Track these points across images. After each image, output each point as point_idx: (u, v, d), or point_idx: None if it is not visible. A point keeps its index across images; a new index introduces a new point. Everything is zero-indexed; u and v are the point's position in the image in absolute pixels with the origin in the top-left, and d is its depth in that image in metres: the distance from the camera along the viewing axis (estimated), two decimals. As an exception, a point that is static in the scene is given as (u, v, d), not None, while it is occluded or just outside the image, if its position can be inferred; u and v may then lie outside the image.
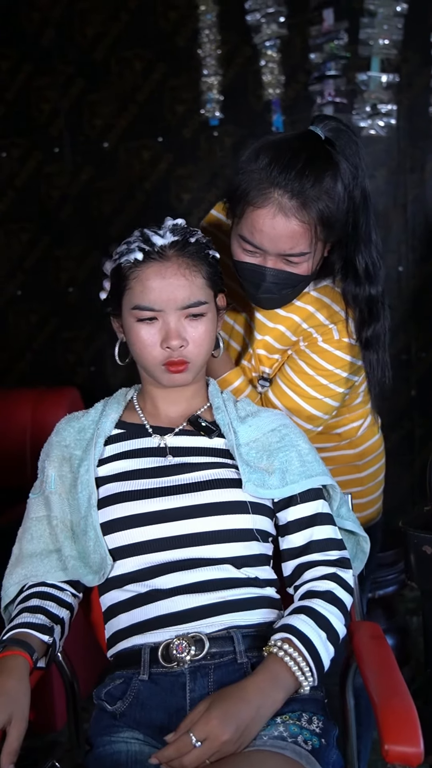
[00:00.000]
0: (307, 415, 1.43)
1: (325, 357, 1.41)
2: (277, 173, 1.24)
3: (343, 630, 1.15)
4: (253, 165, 1.27)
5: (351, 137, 1.30)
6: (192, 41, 2.68)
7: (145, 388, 1.31)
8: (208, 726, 0.98)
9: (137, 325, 1.21)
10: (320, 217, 1.26)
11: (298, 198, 1.24)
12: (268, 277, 1.31)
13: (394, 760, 0.97)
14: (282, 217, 1.25)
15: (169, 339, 1.19)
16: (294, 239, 1.27)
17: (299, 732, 1.04)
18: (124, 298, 1.23)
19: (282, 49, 2.62)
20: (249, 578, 1.18)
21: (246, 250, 1.31)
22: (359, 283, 1.36)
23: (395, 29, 2.51)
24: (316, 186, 1.24)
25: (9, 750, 1.01)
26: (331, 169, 1.26)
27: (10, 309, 2.98)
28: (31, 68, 2.82)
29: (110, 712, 1.14)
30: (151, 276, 1.19)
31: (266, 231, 1.26)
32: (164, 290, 1.19)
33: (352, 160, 1.28)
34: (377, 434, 1.64)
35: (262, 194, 1.25)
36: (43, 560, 1.23)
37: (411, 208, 2.65)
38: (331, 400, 1.43)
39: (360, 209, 1.32)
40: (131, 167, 2.80)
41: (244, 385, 1.46)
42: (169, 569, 1.16)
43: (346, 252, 1.35)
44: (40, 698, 2.03)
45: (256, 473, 1.21)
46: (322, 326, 1.42)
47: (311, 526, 1.22)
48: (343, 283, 1.38)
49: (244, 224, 1.29)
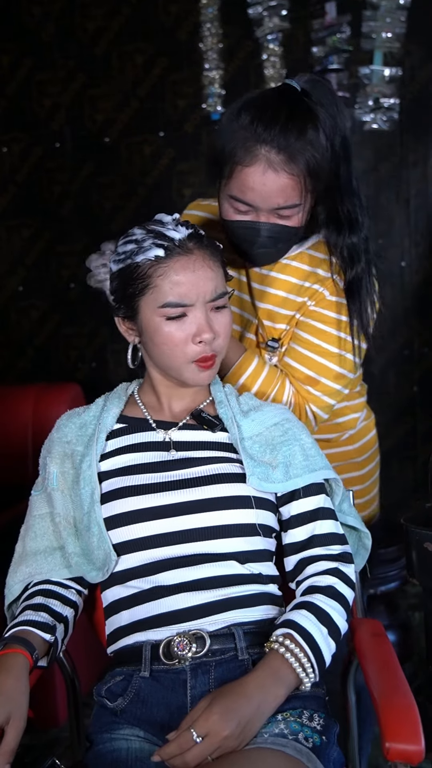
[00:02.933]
0: (334, 375, 1.43)
1: (336, 309, 1.42)
2: (261, 129, 1.26)
3: (345, 625, 1.14)
4: (235, 124, 1.29)
5: (326, 87, 1.32)
6: (193, 35, 2.67)
7: (152, 383, 1.29)
8: (209, 722, 0.97)
9: (167, 324, 1.18)
10: (308, 168, 1.28)
11: (285, 152, 1.26)
12: (263, 232, 1.32)
13: (395, 757, 0.96)
14: (272, 173, 1.27)
15: (201, 333, 1.18)
16: (285, 192, 1.29)
17: (300, 729, 1.04)
18: (144, 299, 1.19)
19: (284, 43, 2.61)
20: (253, 574, 1.17)
21: (237, 209, 1.32)
22: (341, 231, 1.38)
23: (398, 22, 2.50)
24: (300, 138, 1.26)
25: (6, 749, 1.00)
26: (311, 120, 1.28)
27: (11, 305, 2.98)
28: (32, 63, 2.81)
29: (111, 709, 1.14)
30: (180, 271, 1.17)
31: (257, 188, 1.28)
32: (194, 284, 1.17)
33: (329, 110, 1.29)
34: (373, 430, 1.65)
35: (249, 152, 1.27)
36: (47, 558, 1.22)
37: (414, 202, 2.63)
38: (351, 354, 1.44)
39: (341, 158, 1.33)
40: (132, 162, 2.79)
41: (262, 364, 1.44)
42: (173, 565, 1.16)
43: (328, 201, 1.36)
44: (42, 694, 2.04)
45: (260, 467, 1.21)
46: (325, 280, 1.42)
47: (313, 521, 1.21)
48: (326, 231, 1.39)
49: (233, 184, 1.30)
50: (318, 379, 1.42)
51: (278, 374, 1.44)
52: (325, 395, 1.43)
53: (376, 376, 2.70)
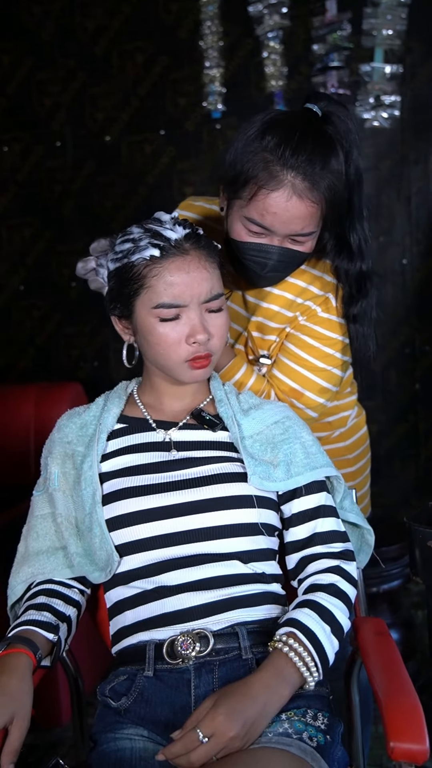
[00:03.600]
0: (319, 389, 1.44)
1: (327, 326, 1.43)
2: (289, 155, 1.24)
3: (348, 623, 1.14)
4: (258, 145, 1.27)
5: (346, 114, 1.31)
6: (194, 33, 2.66)
7: (151, 382, 1.29)
8: (215, 722, 0.97)
9: (160, 324, 1.18)
10: (328, 197, 1.28)
11: (309, 179, 1.26)
12: (275, 256, 1.32)
13: (400, 757, 0.96)
14: (296, 199, 1.26)
15: (195, 334, 1.17)
16: (305, 220, 1.28)
17: (304, 729, 1.04)
18: (138, 299, 1.19)
19: (284, 41, 2.60)
20: (256, 574, 1.17)
21: (252, 231, 1.31)
22: (352, 259, 1.39)
23: (399, 19, 2.49)
24: (325, 167, 1.26)
25: (10, 749, 1.01)
26: (333, 148, 1.27)
27: (12, 304, 2.98)
28: (32, 62, 2.81)
29: (114, 708, 1.13)
30: (174, 271, 1.17)
31: (279, 213, 1.27)
32: (189, 285, 1.17)
33: (347, 138, 1.29)
34: (363, 427, 1.66)
35: (274, 177, 1.26)
36: (49, 558, 1.22)
37: (415, 200, 2.63)
38: (338, 370, 1.45)
39: (354, 186, 1.33)
40: (133, 161, 2.79)
41: (249, 371, 1.45)
42: (176, 565, 1.15)
43: (340, 229, 1.36)
44: (46, 693, 2.04)
45: (261, 466, 1.21)
46: (318, 297, 1.43)
47: (315, 519, 1.21)
48: (337, 260, 1.40)
49: (253, 206, 1.28)
50: (302, 392, 1.43)
51: (265, 383, 1.45)
52: (308, 408, 1.44)
53: (378, 374, 2.70)
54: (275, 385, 1.45)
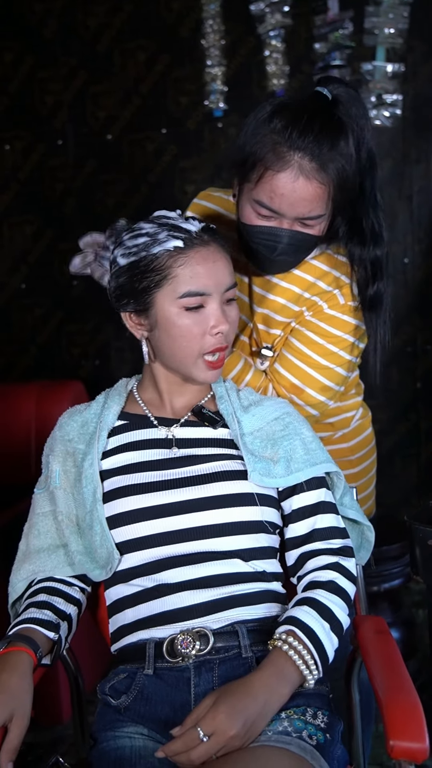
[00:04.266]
0: (320, 386, 1.42)
1: (332, 323, 1.41)
2: (296, 136, 1.24)
3: (347, 620, 1.14)
4: (267, 128, 1.27)
5: (357, 99, 1.30)
6: (195, 32, 2.66)
7: (154, 378, 1.28)
8: (216, 721, 0.97)
9: (184, 315, 1.19)
10: (337, 178, 1.27)
11: (317, 160, 1.25)
12: (284, 239, 1.31)
13: (399, 755, 0.96)
14: (303, 180, 1.26)
15: (219, 324, 1.19)
16: (313, 202, 1.28)
17: (304, 727, 1.04)
18: (161, 290, 1.19)
19: (286, 39, 2.60)
20: (256, 572, 1.17)
21: (260, 214, 1.30)
22: (365, 244, 1.37)
23: (401, 18, 2.49)
24: (333, 148, 1.26)
25: (9, 747, 1.01)
26: (343, 131, 1.27)
27: (14, 303, 2.98)
28: (34, 60, 2.81)
29: (114, 706, 1.14)
30: (201, 261, 1.18)
31: (287, 194, 1.26)
32: (214, 274, 1.18)
33: (359, 122, 1.28)
34: (368, 428, 1.64)
35: (281, 158, 1.25)
36: (50, 556, 1.22)
37: (417, 199, 2.63)
38: (342, 369, 1.44)
39: (366, 170, 1.33)
40: (135, 160, 2.79)
41: (247, 367, 1.44)
42: (177, 563, 1.15)
43: (353, 213, 1.35)
44: (46, 691, 2.04)
45: (261, 462, 1.21)
46: (325, 293, 1.42)
47: (314, 515, 1.21)
48: (350, 244, 1.38)
49: (261, 188, 1.28)
50: (303, 389, 1.42)
51: (263, 378, 1.44)
52: (308, 405, 1.43)
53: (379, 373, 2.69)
54: (276, 379, 1.44)
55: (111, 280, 1.25)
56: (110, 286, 1.25)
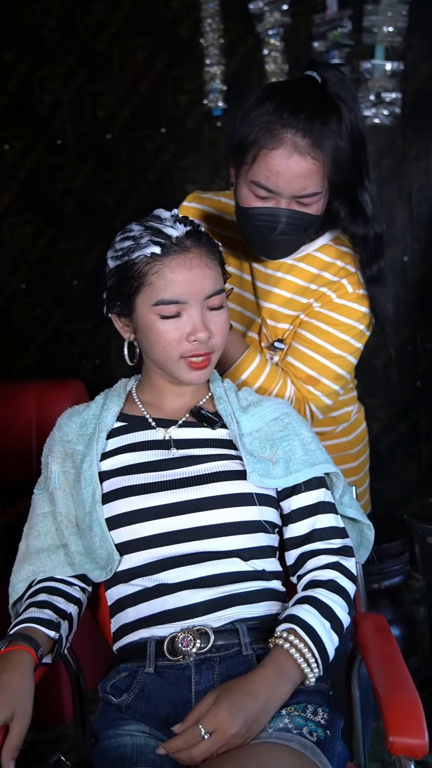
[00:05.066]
0: (334, 375, 1.44)
1: (342, 312, 1.43)
2: (288, 115, 1.26)
3: (347, 619, 1.15)
4: (260, 110, 1.29)
5: (346, 82, 1.33)
6: (194, 31, 2.66)
7: (150, 380, 1.29)
8: (217, 718, 0.98)
9: (160, 322, 1.18)
10: (331, 155, 1.29)
11: (310, 136, 1.27)
12: (283, 218, 1.32)
13: (399, 752, 0.97)
14: (297, 156, 1.27)
15: (196, 331, 1.17)
16: (308, 178, 1.29)
17: (304, 724, 1.04)
18: (139, 296, 1.18)
19: (285, 38, 2.60)
20: (256, 571, 1.18)
21: (258, 195, 1.32)
22: (367, 222, 1.39)
23: (399, 16, 2.49)
24: (325, 125, 1.27)
25: (10, 746, 1.01)
26: (334, 110, 1.29)
27: (14, 302, 2.98)
28: (33, 59, 2.81)
29: (116, 704, 1.14)
30: (175, 268, 1.16)
31: (282, 171, 1.28)
32: (190, 282, 1.16)
33: (349, 104, 1.31)
34: (363, 423, 1.67)
35: (275, 136, 1.27)
36: (50, 556, 1.23)
37: (416, 197, 2.63)
38: (352, 357, 1.45)
39: (360, 149, 1.34)
40: (134, 159, 2.79)
41: (263, 362, 1.44)
42: (176, 563, 1.16)
43: (351, 194, 1.37)
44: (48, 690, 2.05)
45: (260, 463, 1.21)
46: (332, 283, 1.43)
47: (314, 515, 1.21)
48: (352, 225, 1.39)
49: (256, 168, 1.30)
50: (319, 379, 1.43)
51: (280, 372, 1.44)
52: (324, 395, 1.44)
53: (379, 371, 2.70)
54: (291, 372, 1.44)
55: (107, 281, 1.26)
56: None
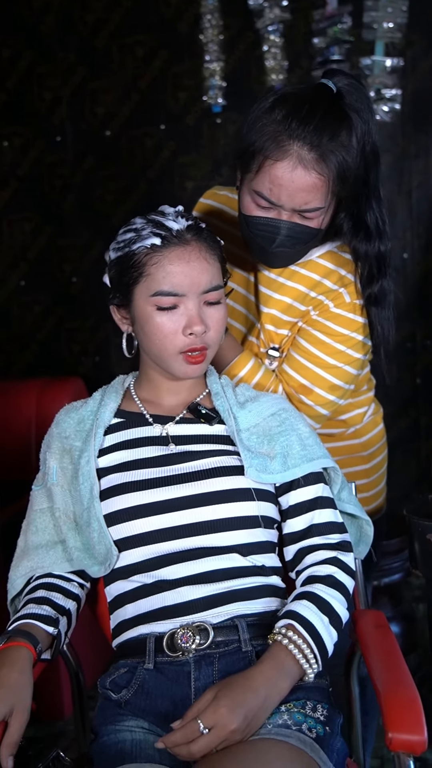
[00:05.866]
0: (329, 385, 1.42)
1: (339, 322, 1.40)
2: (296, 125, 1.23)
3: (346, 614, 1.15)
4: (268, 118, 1.26)
5: (362, 93, 1.29)
6: (194, 27, 2.66)
7: (148, 376, 1.29)
8: (217, 714, 0.98)
9: (157, 313, 1.18)
10: (337, 170, 1.26)
11: (317, 150, 1.24)
12: (283, 230, 1.30)
13: (398, 748, 0.97)
14: (302, 169, 1.25)
15: (192, 325, 1.17)
16: (311, 193, 1.26)
17: (304, 720, 1.04)
18: (137, 287, 1.19)
19: (285, 34, 2.59)
20: (255, 567, 1.18)
21: (260, 205, 1.30)
22: (370, 239, 1.36)
23: (399, 12, 2.49)
24: (333, 139, 1.24)
25: (9, 742, 1.01)
26: (345, 123, 1.26)
27: (13, 300, 2.98)
28: (32, 56, 2.80)
29: (115, 700, 1.14)
30: (174, 260, 1.17)
31: (285, 184, 1.25)
32: (188, 274, 1.17)
33: (363, 116, 1.27)
34: (380, 424, 1.64)
35: (281, 147, 1.24)
36: (48, 552, 1.23)
37: (416, 194, 2.62)
38: (351, 367, 1.43)
39: (371, 165, 1.31)
40: (134, 156, 2.78)
41: (257, 366, 1.43)
42: (175, 559, 1.16)
43: (357, 209, 1.34)
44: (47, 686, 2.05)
45: (258, 458, 1.21)
46: (331, 292, 1.41)
47: (312, 510, 1.21)
48: (354, 240, 1.37)
49: (260, 178, 1.27)
50: (311, 389, 1.41)
51: (273, 377, 1.44)
52: (317, 405, 1.42)
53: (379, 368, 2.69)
54: (284, 380, 1.43)
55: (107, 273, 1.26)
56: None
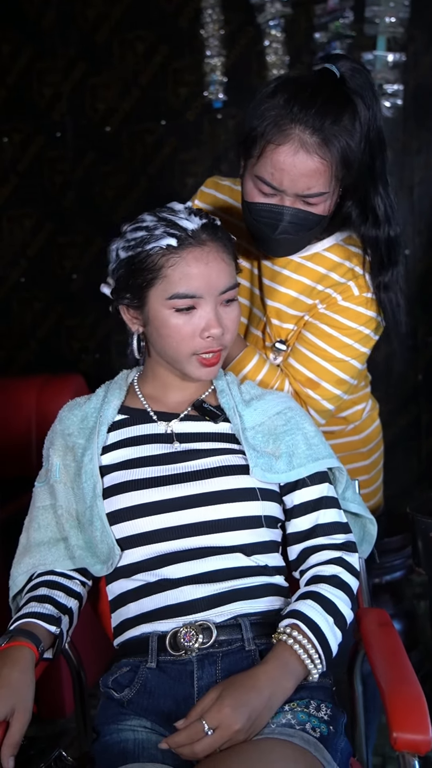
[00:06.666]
0: (336, 380, 1.41)
1: (347, 315, 1.39)
2: (297, 109, 1.22)
3: (350, 614, 1.14)
4: (271, 102, 1.25)
5: (367, 78, 1.28)
6: (194, 22, 2.64)
7: (154, 372, 1.28)
8: (221, 714, 0.97)
9: (174, 315, 1.16)
10: (341, 155, 1.25)
11: (319, 134, 1.23)
12: (286, 216, 1.28)
13: (403, 747, 0.96)
14: (304, 153, 1.23)
15: (210, 327, 1.16)
16: (314, 178, 1.25)
17: (307, 719, 1.04)
18: (153, 289, 1.17)
19: (286, 29, 2.58)
20: (259, 566, 1.17)
21: (262, 191, 1.28)
22: (379, 225, 1.34)
23: (401, 7, 2.47)
24: (336, 123, 1.23)
25: (10, 742, 1.01)
26: (349, 107, 1.24)
27: (13, 296, 2.97)
28: (32, 52, 2.79)
29: (117, 699, 1.13)
30: (192, 262, 1.15)
31: (287, 169, 1.24)
32: (206, 276, 1.15)
33: (367, 101, 1.26)
34: (377, 420, 1.64)
35: (282, 131, 1.23)
36: (50, 549, 1.22)
37: (418, 190, 2.61)
38: (357, 361, 1.42)
39: (377, 150, 1.30)
40: (134, 151, 2.77)
41: (261, 362, 1.42)
42: (178, 558, 1.15)
43: (364, 195, 1.32)
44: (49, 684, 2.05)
45: (263, 458, 1.20)
46: (339, 285, 1.40)
47: (317, 510, 1.21)
48: (363, 227, 1.35)
49: (262, 163, 1.26)
50: (318, 383, 1.40)
51: (278, 372, 1.43)
52: (324, 399, 1.42)
53: (380, 364, 2.69)
54: (291, 374, 1.42)
55: (112, 272, 1.24)
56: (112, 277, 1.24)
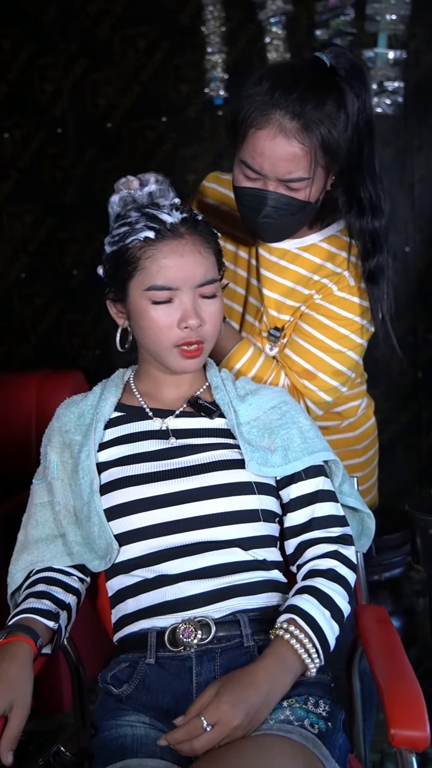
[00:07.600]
0: (332, 371, 1.41)
1: (342, 305, 1.40)
2: (279, 95, 1.24)
3: (347, 608, 1.14)
4: (257, 89, 1.27)
5: (357, 66, 1.28)
6: (196, 18, 2.64)
7: (146, 370, 1.28)
8: (219, 710, 0.97)
9: (151, 307, 1.18)
10: (321, 142, 1.25)
11: (299, 119, 1.24)
12: (269, 200, 1.30)
13: (401, 744, 0.97)
14: (282, 138, 1.25)
15: (187, 318, 1.17)
16: (293, 163, 1.26)
17: (306, 716, 1.04)
18: (132, 281, 1.19)
19: (287, 26, 2.58)
20: (257, 561, 1.17)
21: (247, 176, 1.30)
22: (363, 215, 1.35)
23: (403, 4, 2.47)
24: (318, 109, 1.24)
25: (9, 737, 1.01)
26: (334, 94, 1.25)
27: (14, 292, 2.97)
28: (33, 48, 2.79)
29: (116, 695, 1.14)
30: (168, 254, 1.16)
31: (267, 153, 1.26)
32: (182, 268, 1.16)
33: (357, 89, 1.26)
34: (372, 418, 1.65)
35: (263, 115, 1.25)
36: (48, 546, 1.22)
37: (418, 187, 2.61)
38: (354, 353, 1.42)
39: (365, 139, 1.30)
40: (135, 148, 2.77)
41: (256, 354, 1.43)
42: (177, 554, 1.15)
43: (350, 183, 1.33)
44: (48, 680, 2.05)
45: (258, 452, 1.20)
46: (334, 275, 1.41)
47: (313, 503, 1.21)
48: (348, 216, 1.36)
49: (245, 148, 1.28)
50: (315, 374, 1.41)
51: (274, 364, 1.43)
52: (321, 391, 1.42)
53: (380, 362, 2.69)
54: (287, 365, 1.43)
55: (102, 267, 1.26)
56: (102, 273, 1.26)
